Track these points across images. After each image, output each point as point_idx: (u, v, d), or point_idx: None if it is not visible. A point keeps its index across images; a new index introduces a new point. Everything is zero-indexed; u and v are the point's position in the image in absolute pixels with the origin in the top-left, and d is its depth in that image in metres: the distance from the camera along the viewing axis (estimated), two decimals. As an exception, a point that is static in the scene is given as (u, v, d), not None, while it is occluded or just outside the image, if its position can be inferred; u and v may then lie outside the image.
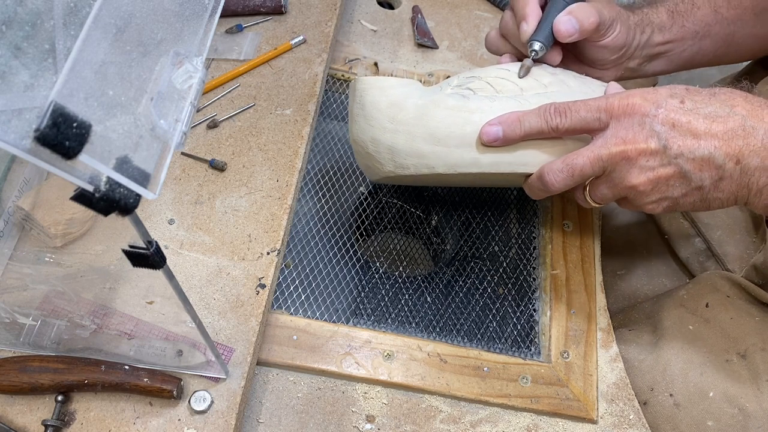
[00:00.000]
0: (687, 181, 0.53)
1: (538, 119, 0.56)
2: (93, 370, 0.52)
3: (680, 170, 0.52)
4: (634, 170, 0.53)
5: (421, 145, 0.59)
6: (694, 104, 0.52)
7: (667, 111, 0.52)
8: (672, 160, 0.52)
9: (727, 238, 0.74)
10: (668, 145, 0.51)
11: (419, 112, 0.59)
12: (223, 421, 0.53)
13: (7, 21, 0.30)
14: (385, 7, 0.90)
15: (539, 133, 0.56)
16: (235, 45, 0.76)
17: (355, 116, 0.64)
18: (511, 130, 0.56)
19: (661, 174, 0.53)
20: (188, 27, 0.38)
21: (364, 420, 0.59)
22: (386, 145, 0.61)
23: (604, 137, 0.54)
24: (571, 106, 0.55)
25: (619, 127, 0.53)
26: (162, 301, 0.56)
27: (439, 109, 0.59)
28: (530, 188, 0.60)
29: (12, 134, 0.27)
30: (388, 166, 0.62)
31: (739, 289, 0.69)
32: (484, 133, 0.57)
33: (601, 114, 0.54)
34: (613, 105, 0.53)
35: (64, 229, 0.58)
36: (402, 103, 0.60)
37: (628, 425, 0.61)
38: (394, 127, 0.60)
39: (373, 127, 0.61)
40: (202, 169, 0.67)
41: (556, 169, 0.56)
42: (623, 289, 0.79)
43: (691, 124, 0.51)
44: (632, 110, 0.53)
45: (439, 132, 0.59)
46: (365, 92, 0.62)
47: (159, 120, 0.34)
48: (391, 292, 0.68)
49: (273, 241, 0.62)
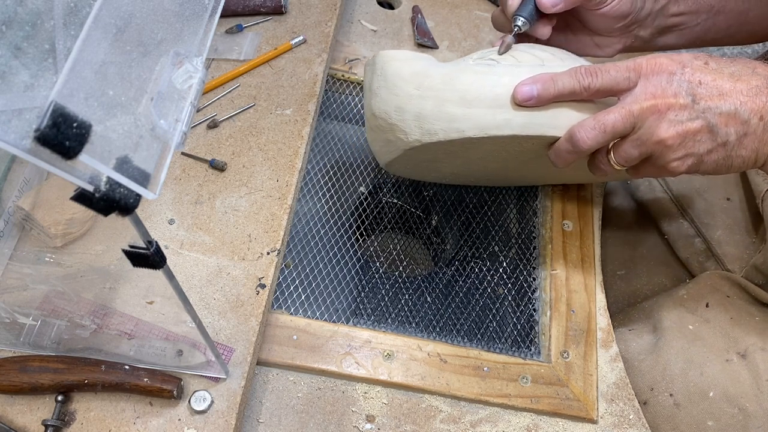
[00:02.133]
0: (714, 135, 0.54)
1: (571, 79, 0.56)
2: (93, 370, 0.52)
3: (708, 124, 0.53)
4: (664, 124, 0.54)
5: (450, 108, 0.58)
6: (717, 65, 0.54)
7: (693, 70, 0.53)
8: (700, 114, 0.53)
9: (727, 238, 0.74)
10: (696, 100, 0.53)
11: (447, 78, 0.59)
12: (223, 421, 0.53)
13: (7, 21, 0.30)
14: (385, 7, 0.90)
15: (571, 92, 0.56)
16: (235, 45, 0.76)
17: (375, 90, 0.62)
18: (545, 88, 0.56)
19: (689, 127, 0.53)
20: (188, 27, 0.38)
21: (364, 420, 0.59)
22: (413, 112, 0.60)
23: (634, 94, 0.55)
24: (601, 67, 0.56)
25: (648, 84, 0.54)
26: (162, 301, 0.56)
27: (466, 74, 0.59)
28: (557, 153, 0.59)
29: (12, 134, 0.27)
30: (414, 134, 0.60)
31: (739, 289, 0.69)
32: (518, 92, 0.57)
33: (630, 73, 0.55)
34: (641, 64, 0.55)
35: (64, 229, 0.58)
36: (427, 71, 0.60)
37: (628, 425, 0.61)
38: (422, 93, 0.59)
39: (398, 96, 0.60)
40: (202, 169, 0.67)
41: (588, 126, 0.56)
42: (623, 289, 0.79)
43: (717, 82, 0.53)
44: (660, 69, 0.54)
45: (469, 94, 0.58)
46: (387, 63, 0.61)
47: (159, 120, 0.34)
48: (391, 292, 0.68)
49: (273, 241, 0.62)
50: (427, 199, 0.76)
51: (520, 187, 0.77)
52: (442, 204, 0.76)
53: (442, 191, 0.77)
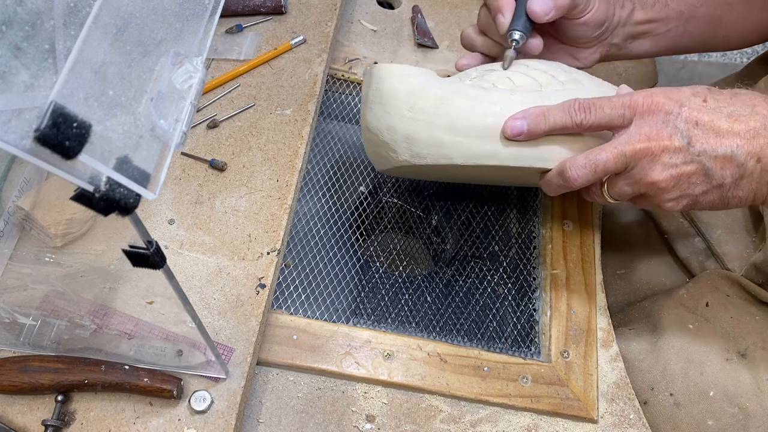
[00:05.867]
0: (708, 178, 0.53)
1: (563, 114, 0.56)
2: (93, 370, 0.52)
3: (702, 167, 0.52)
4: (657, 167, 0.53)
5: (440, 134, 0.59)
6: (716, 103, 0.52)
7: (690, 109, 0.52)
8: (695, 158, 0.52)
9: (727, 237, 0.74)
10: (691, 143, 0.52)
11: (440, 101, 0.59)
12: (223, 421, 0.53)
13: (7, 21, 0.30)
14: (385, 7, 0.90)
15: (563, 128, 0.56)
16: (235, 45, 0.76)
17: (370, 103, 0.62)
18: (536, 124, 0.56)
19: (683, 171, 0.53)
20: (188, 27, 0.38)
21: (364, 420, 0.59)
22: (404, 134, 0.60)
23: (628, 134, 0.54)
24: (595, 102, 0.55)
25: (643, 124, 0.53)
26: (162, 301, 0.56)
27: (460, 98, 0.58)
28: (548, 184, 0.60)
29: (12, 134, 0.27)
30: (404, 155, 0.61)
31: (739, 289, 0.69)
32: (508, 126, 0.56)
33: (625, 111, 0.54)
34: (637, 102, 0.54)
35: (64, 229, 0.58)
36: (421, 91, 0.59)
37: (628, 425, 0.61)
38: (413, 116, 0.59)
39: (390, 114, 0.60)
40: (202, 169, 0.67)
41: (578, 165, 0.55)
42: (623, 288, 0.79)
43: (714, 123, 0.52)
44: (656, 108, 0.53)
45: (459, 122, 0.58)
46: (383, 79, 0.61)
47: (159, 120, 0.34)
48: (391, 292, 0.68)
49: (273, 241, 0.62)
50: (427, 199, 0.76)
51: (520, 187, 0.77)
52: (442, 204, 0.76)
53: (442, 191, 0.77)
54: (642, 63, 0.90)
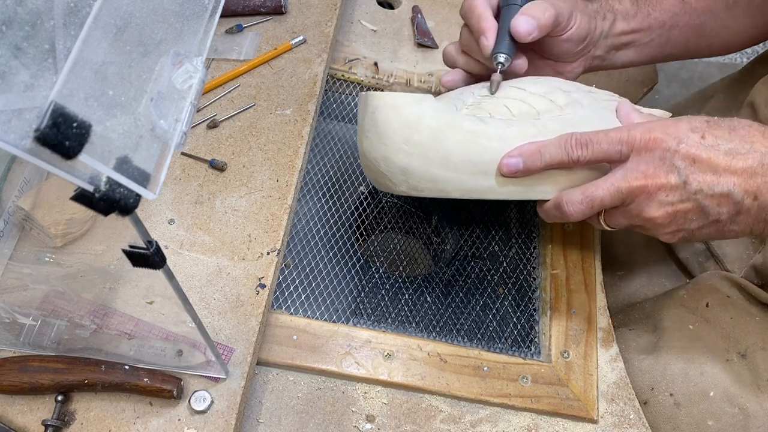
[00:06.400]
0: (705, 215, 0.53)
1: (559, 151, 0.56)
2: (93, 370, 0.52)
3: (699, 205, 0.53)
4: (653, 204, 0.53)
5: (436, 170, 0.58)
6: (714, 140, 0.52)
7: (688, 146, 0.52)
8: (691, 196, 0.52)
9: (727, 238, 0.74)
10: (688, 181, 0.52)
11: (435, 136, 0.58)
12: (223, 421, 0.53)
13: (7, 21, 0.30)
14: (385, 7, 0.90)
15: (559, 164, 0.56)
16: (235, 45, 0.76)
17: (366, 131, 0.62)
18: (532, 161, 0.56)
19: (679, 209, 0.53)
20: (188, 27, 0.38)
21: (364, 420, 0.59)
22: (400, 167, 0.60)
23: (625, 170, 0.54)
24: (592, 138, 0.55)
25: (640, 161, 0.53)
26: (162, 301, 0.56)
27: (455, 132, 0.58)
28: (546, 214, 0.61)
29: (12, 134, 0.27)
30: (401, 186, 0.61)
31: (739, 289, 0.69)
32: (504, 165, 0.57)
33: (622, 146, 0.54)
34: (635, 138, 0.54)
35: (64, 229, 0.58)
36: (417, 124, 0.59)
37: (628, 425, 0.61)
38: (409, 149, 0.59)
39: (386, 146, 0.60)
40: (202, 169, 0.67)
41: (575, 201, 0.56)
42: (623, 289, 0.79)
43: (712, 161, 0.52)
44: (654, 144, 0.53)
45: (455, 157, 0.58)
46: (377, 110, 0.60)
47: (159, 120, 0.34)
48: (391, 292, 0.68)
49: (273, 241, 0.62)
50: (427, 199, 0.76)
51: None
52: (442, 204, 0.76)
53: (442, 191, 0.77)
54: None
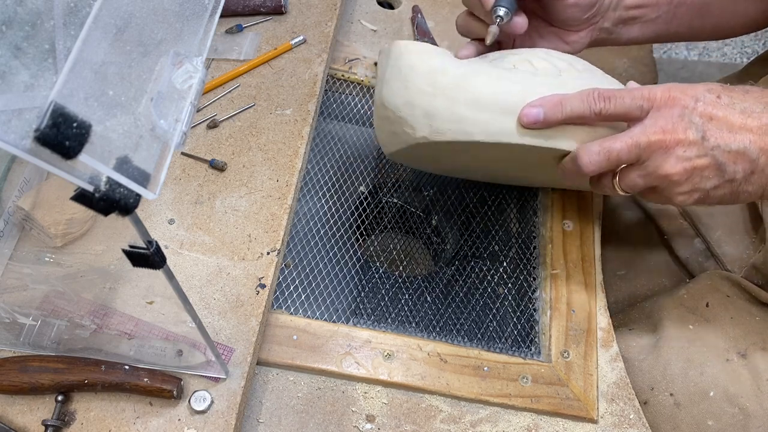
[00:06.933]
0: (721, 173, 0.54)
1: (581, 103, 0.55)
2: (93, 370, 0.52)
3: (716, 162, 0.53)
4: (671, 159, 0.53)
5: (462, 109, 0.58)
6: (730, 99, 0.53)
7: (705, 104, 0.53)
8: (708, 152, 0.53)
9: (727, 238, 0.74)
10: (706, 137, 0.52)
11: (461, 78, 0.58)
12: (223, 421, 0.53)
13: (7, 21, 0.30)
14: (385, 7, 0.90)
15: (580, 117, 0.56)
16: (235, 45, 0.76)
17: (387, 79, 0.61)
18: (553, 112, 0.56)
19: (697, 164, 0.53)
20: (188, 27, 0.38)
21: (364, 420, 0.59)
22: (423, 109, 0.59)
23: (643, 125, 0.54)
24: (615, 93, 0.55)
25: (659, 117, 0.54)
26: (162, 301, 0.56)
27: (481, 76, 0.58)
28: (563, 170, 0.59)
29: (12, 134, 0.27)
30: (422, 131, 0.60)
31: (740, 289, 0.69)
32: (524, 114, 0.56)
33: (643, 102, 0.54)
34: (656, 95, 0.54)
35: (64, 229, 0.58)
36: (443, 68, 0.59)
37: (628, 425, 0.61)
38: (434, 91, 0.58)
39: (409, 90, 0.59)
40: (202, 169, 0.67)
41: (593, 151, 0.55)
42: (623, 289, 0.79)
43: (728, 119, 0.52)
44: (673, 102, 0.54)
45: (482, 98, 0.57)
46: (402, 56, 0.60)
47: (159, 120, 0.34)
48: (391, 292, 0.68)
49: (273, 241, 0.62)
50: (427, 199, 0.76)
51: (520, 186, 0.77)
52: (442, 204, 0.76)
53: (442, 191, 0.77)
54: (642, 63, 0.90)
